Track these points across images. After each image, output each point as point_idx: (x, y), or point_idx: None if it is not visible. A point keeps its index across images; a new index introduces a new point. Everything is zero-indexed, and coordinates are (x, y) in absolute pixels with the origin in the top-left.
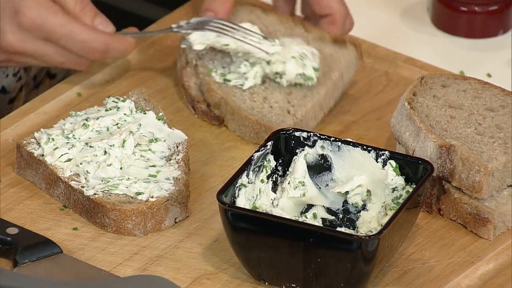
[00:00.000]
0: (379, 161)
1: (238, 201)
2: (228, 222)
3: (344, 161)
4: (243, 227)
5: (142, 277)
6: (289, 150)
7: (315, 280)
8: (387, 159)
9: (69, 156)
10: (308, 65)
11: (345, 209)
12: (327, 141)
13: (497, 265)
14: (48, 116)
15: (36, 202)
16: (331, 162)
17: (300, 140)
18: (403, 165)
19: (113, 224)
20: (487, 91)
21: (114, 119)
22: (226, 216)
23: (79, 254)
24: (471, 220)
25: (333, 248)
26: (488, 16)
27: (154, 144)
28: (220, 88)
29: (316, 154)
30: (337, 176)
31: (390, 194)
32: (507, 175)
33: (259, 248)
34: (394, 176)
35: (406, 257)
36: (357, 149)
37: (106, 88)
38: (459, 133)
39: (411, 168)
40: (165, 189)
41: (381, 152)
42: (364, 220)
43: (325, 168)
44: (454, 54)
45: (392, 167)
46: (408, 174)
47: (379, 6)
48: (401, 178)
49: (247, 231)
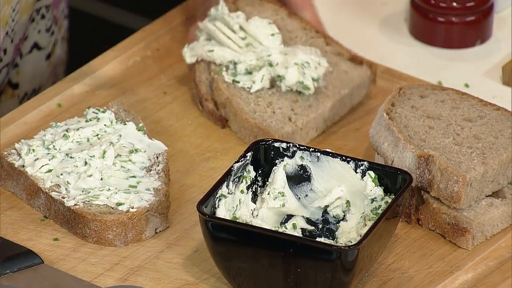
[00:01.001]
0: (358, 171)
1: (218, 212)
2: (208, 233)
3: (323, 171)
4: (223, 238)
5: (123, 287)
6: (268, 161)
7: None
8: (366, 169)
9: (49, 167)
10: (307, 74)
11: (324, 219)
12: (306, 152)
13: (476, 274)
14: (29, 126)
15: (17, 213)
16: (310, 172)
17: (279, 151)
18: (382, 175)
19: (94, 235)
20: (465, 102)
21: (95, 130)
22: (206, 227)
23: (60, 265)
24: (450, 230)
25: (313, 258)
26: (465, 26)
27: (134, 154)
28: (227, 88)
29: (296, 165)
30: (317, 187)
31: (369, 204)
32: (485, 185)
33: (239, 258)
34: (373, 187)
35: (386, 267)
36: (336, 159)
37: (86, 99)
38: (438, 143)
39: (390, 179)
40: (146, 200)
41: (360, 163)
42: (344, 231)
43: (305, 179)
44: (432, 64)
45: (371, 177)
46: (387, 184)
47: (357, 16)
48: (380, 189)
49: (227, 241)
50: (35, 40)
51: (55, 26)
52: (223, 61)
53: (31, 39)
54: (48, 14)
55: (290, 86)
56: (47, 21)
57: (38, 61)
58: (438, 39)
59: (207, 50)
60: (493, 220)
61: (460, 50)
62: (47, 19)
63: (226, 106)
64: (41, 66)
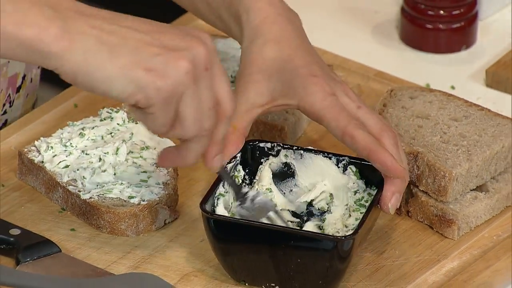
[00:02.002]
0: (340, 166)
1: (218, 209)
2: (209, 229)
3: (306, 167)
4: (224, 233)
5: (134, 274)
6: (255, 160)
7: (293, 279)
8: (347, 164)
9: (66, 162)
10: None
11: (309, 212)
12: (290, 150)
13: (461, 262)
14: (47, 125)
15: (36, 205)
16: (294, 169)
17: (264, 151)
18: (362, 169)
19: (107, 226)
20: (451, 103)
21: (108, 128)
22: (208, 224)
23: (77, 253)
24: (437, 221)
25: (312, 249)
26: (452, 33)
27: (145, 151)
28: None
29: (280, 163)
30: (301, 182)
31: (352, 196)
32: (469, 180)
33: (240, 252)
34: (355, 180)
35: (378, 255)
36: (318, 156)
37: (101, 100)
38: (426, 141)
39: (370, 171)
40: (156, 193)
41: (341, 158)
42: (330, 222)
43: (289, 175)
44: (420, 68)
45: (352, 171)
46: (368, 177)
47: (351, 23)
48: (362, 181)
49: (227, 236)
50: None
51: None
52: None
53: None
54: None
55: None
56: None
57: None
58: (427, 45)
59: None
60: (477, 212)
61: (447, 55)
62: None
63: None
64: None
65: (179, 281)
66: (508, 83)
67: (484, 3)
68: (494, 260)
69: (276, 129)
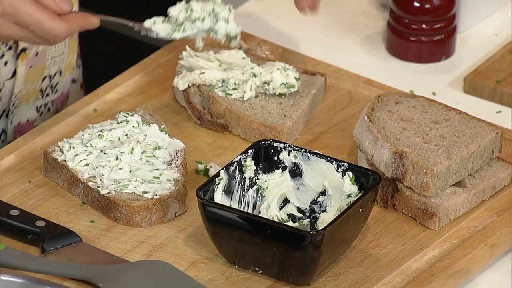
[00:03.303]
0: (339, 171)
1: (216, 196)
2: (203, 213)
3: (312, 169)
4: (214, 218)
5: (148, 261)
6: (268, 158)
7: (272, 265)
8: (345, 169)
9: (87, 161)
10: (290, 74)
11: (311, 209)
12: (299, 152)
13: (441, 251)
14: (70, 128)
15: (60, 200)
16: (302, 169)
17: (277, 150)
18: (358, 175)
19: (123, 218)
20: (432, 107)
21: (124, 130)
22: (202, 208)
23: (96, 243)
24: (420, 214)
25: (285, 240)
26: (433, 44)
27: (158, 151)
28: (224, 100)
29: (290, 162)
30: (306, 181)
31: (345, 199)
32: (449, 177)
33: (228, 236)
34: (350, 185)
35: (366, 244)
36: (322, 160)
37: (118, 105)
38: (410, 141)
39: (365, 178)
40: (167, 189)
41: (341, 163)
42: (323, 220)
43: (297, 174)
44: (405, 76)
45: (349, 177)
46: (363, 183)
47: (343, 36)
48: (355, 187)
49: (217, 220)
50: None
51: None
52: (213, 80)
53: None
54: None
55: (276, 88)
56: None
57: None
58: (410, 55)
59: (199, 73)
60: (456, 206)
61: (429, 64)
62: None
63: (226, 115)
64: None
65: (188, 268)
66: (483, 90)
67: (462, 17)
68: (471, 249)
69: (276, 130)
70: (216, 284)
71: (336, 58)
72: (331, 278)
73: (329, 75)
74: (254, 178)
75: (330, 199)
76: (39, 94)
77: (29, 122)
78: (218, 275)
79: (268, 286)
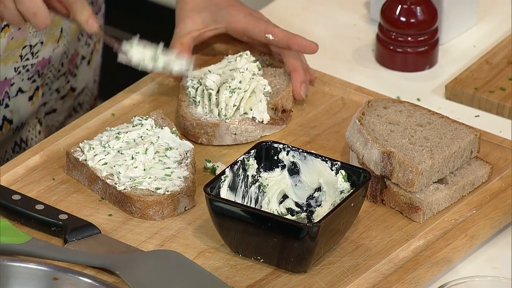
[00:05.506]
0: (333, 169)
1: (222, 191)
2: (210, 207)
3: (308, 167)
4: (219, 211)
5: (160, 251)
6: (269, 157)
7: (272, 255)
8: (339, 168)
9: (105, 160)
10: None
11: (307, 204)
12: (296, 152)
13: (426, 241)
14: (90, 130)
15: (80, 195)
16: (299, 167)
17: (277, 150)
18: (350, 173)
19: (138, 212)
20: (417, 112)
21: (139, 133)
22: (208, 202)
23: (113, 234)
24: (406, 208)
25: (284, 232)
26: (417, 55)
27: (169, 151)
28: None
29: (289, 161)
30: (303, 179)
31: (338, 195)
32: (432, 174)
33: (232, 227)
34: (343, 182)
35: (358, 235)
36: (317, 159)
37: (133, 110)
38: (397, 143)
39: (356, 175)
40: (177, 185)
41: (334, 162)
42: (319, 214)
43: (295, 172)
44: (392, 84)
45: (342, 175)
46: (354, 180)
47: (335, 47)
48: (348, 184)
49: (222, 214)
50: (82, 53)
51: (89, 39)
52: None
53: (80, 53)
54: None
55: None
56: (87, 39)
57: (84, 68)
58: (397, 65)
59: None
60: (439, 200)
61: (414, 73)
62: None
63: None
64: (86, 69)
65: (196, 257)
66: (463, 96)
67: (444, 31)
68: (452, 240)
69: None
70: (222, 272)
71: (330, 67)
72: (326, 266)
73: (323, 82)
74: (256, 176)
75: (325, 194)
76: (18, 58)
77: (7, 80)
78: (223, 263)
79: (269, 273)
